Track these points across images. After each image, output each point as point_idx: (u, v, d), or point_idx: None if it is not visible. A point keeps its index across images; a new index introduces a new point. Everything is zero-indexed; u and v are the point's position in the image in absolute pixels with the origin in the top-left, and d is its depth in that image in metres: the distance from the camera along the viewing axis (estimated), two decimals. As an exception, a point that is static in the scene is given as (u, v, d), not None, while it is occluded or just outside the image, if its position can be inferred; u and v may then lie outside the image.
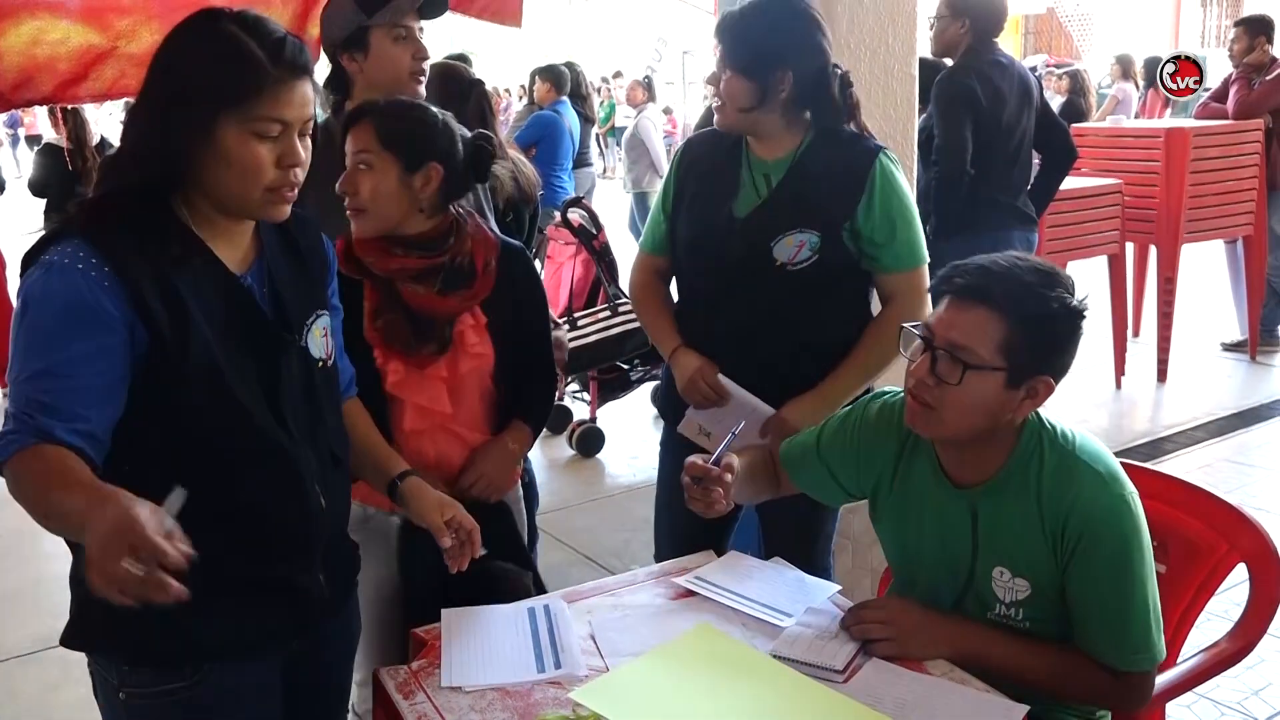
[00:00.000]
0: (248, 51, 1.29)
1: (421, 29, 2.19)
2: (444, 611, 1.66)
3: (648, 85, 8.80)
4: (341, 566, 1.60)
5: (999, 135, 3.74)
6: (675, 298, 2.26)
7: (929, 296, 1.99)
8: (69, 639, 1.41)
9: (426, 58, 2.20)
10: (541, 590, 1.89)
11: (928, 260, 2.06)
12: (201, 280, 1.35)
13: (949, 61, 4.26)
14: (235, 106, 1.28)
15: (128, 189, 1.31)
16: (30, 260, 1.29)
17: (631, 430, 4.67)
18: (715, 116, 2.09)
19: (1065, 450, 1.56)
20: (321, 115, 1.89)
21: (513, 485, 1.99)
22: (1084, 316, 1.51)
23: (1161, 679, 1.68)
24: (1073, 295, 1.50)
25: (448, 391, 1.86)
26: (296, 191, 1.38)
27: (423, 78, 2.19)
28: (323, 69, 2.03)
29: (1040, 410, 1.59)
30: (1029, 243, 3.91)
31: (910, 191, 2.06)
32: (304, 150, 1.36)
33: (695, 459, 1.67)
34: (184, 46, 1.32)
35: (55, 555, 3.79)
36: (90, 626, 1.39)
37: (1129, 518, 1.51)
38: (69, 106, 5.90)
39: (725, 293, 2.08)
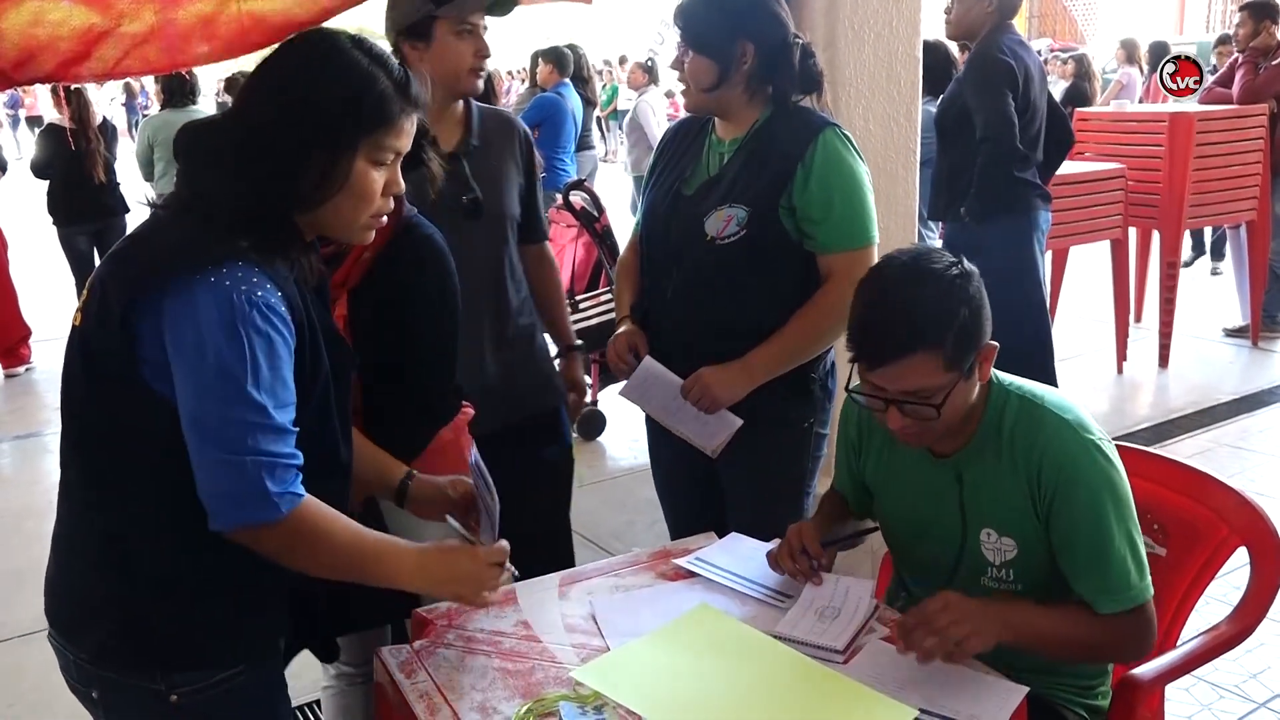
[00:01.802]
0: (383, 85, 1.33)
1: (486, 27, 2.17)
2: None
3: (649, 68, 8.76)
4: None
5: (1027, 116, 3.75)
6: None
7: None
8: (109, 661, 1.36)
9: (488, 55, 2.17)
10: None
11: (874, 242, 2.02)
12: (313, 301, 1.38)
13: (954, 45, 4.25)
14: (369, 136, 1.32)
15: (257, 204, 1.29)
16: (196, 266, 1.23)
17: (633, 413, 4.66)
18: (683, 100, 2.10)
19: (1030, 403, 1.59)
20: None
21: None
22: (973, 274, 1.53)
23: (1160, 661, 1.69)
24: (957, 266, 1.52)
25: None
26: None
27: (481, 74, 2.18)
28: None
29: (1006, 374, 1.63)
30: (1048, 221, 3.95)
31: (862, 171, 2.01)
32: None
33: (803, 541, 1.69)
34: (321, 75, 1.32)
35: (58, 535, 3.82)
36: (144, 642, 1.35)
37: (1099, 462, 1.53)
38: (72, 87, 5.89)
39: (666, 267, 2.11)
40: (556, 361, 2.51)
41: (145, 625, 1.34)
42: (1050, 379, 4.00)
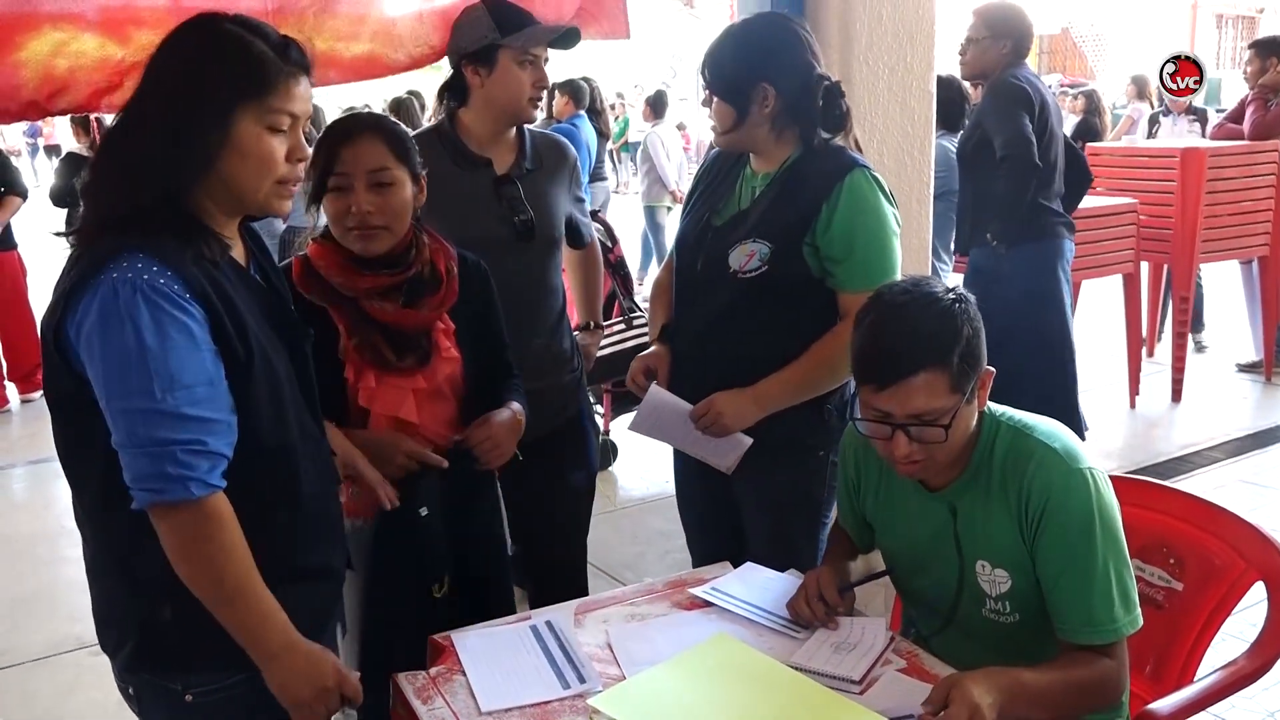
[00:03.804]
0: (257, 48, 1.33)
1: (547, 58, 2.23)
2: (453, 635, 1.68)
3: (653, 103, 8.81)
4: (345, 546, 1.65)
5: (1044, 143, 3.77)
6: None
7: None
8: (135, 664, 1.40)
9: (546, 85, 2.24)
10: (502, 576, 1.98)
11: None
12: (234, 279, 1.38)
13: (968, 85, 4.31)
14: (251, 101, 1.31)
15: (154, 195, 1.31)
16: (89, 275, 1.26)
17: (644, 443, 4.67)
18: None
19: (1019, 432, 1.59)
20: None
21: (509, 457, 1.95)
22: (968, 299, 1.55)
23: (1177, 697, 1.68)
24: (953, 292, 1.55)
25: (425, 399, 1.86)
26: (298, 186, 1.42)
27: (539, 102, 2.25)
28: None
29: (997, 405, 1.63)
30: (1071, 251, 3.97)
31: (887, 213, 2.02)
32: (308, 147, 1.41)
33: (820, 589, 1.70)
34: (192, 48, 1.34)
35: (68, 560, 3.83)
36: (163, 649, 1.38)
37: (1087, 491, 1.52)
38: (96, 116, 5.96)
39: (691, 295, 2.15)
40: (577, 334, 2.59)
41: (158, 633, 1.37)
42: (1072, 410, 4.00)
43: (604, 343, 4.38)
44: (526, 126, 2.33)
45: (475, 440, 1.86)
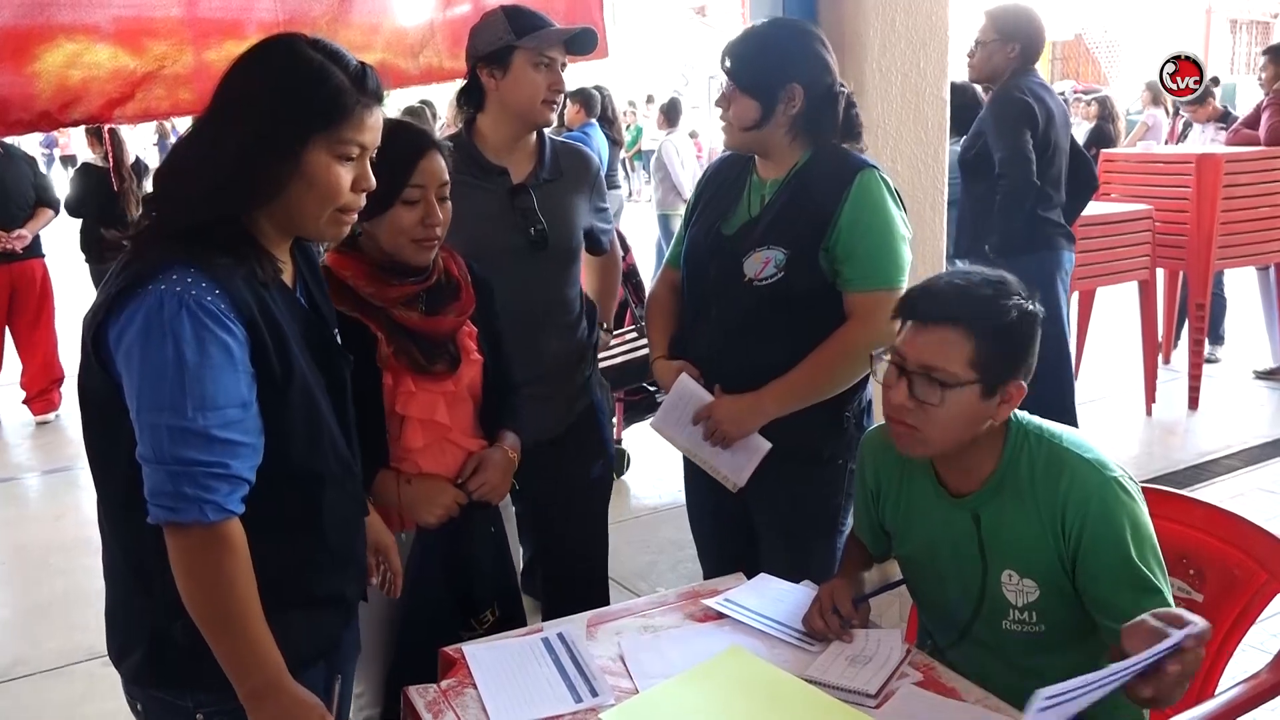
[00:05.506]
0: (336, 78, 1.32)
1: (564, 64, 2.23)
2: (464, 647, 1.68)
3: (668, 110, 8.83)
4: (364, 577, 1.65)
5: (1048, 156, 3.74)
6: None
7: (892, 325, 1.99)
8: (144, 677, 1.40)
9: (562, 89, 2.23)
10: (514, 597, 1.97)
11: (898, 286, 1.99)
12: (280, 303, 1.37)
13: (980, 88, 4.27)
14: (324, 130, 1.31)
15: (217, 214, 1.30)
16: (137, 283, 1.25)
17: (657, 452, 4.65)
18: (724, 137, 2.12)
19: (1052, 444, 1.59)
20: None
21: (505, 494, 1.98)
22: (1040, 318, 1.56)
23: (1198, 711, 1.65)
24: (1027, 300, 1.55)
25: (452, 402, 1.88)
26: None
27: (555, 107, 2.23)
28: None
29: (1023, 413, 1.63)
30: (1071, 262, 3.93)
31: (895, 215, 2.01)
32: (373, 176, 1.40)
33: (834, 601, 1.69)
34: (271, 72, 1.33)
35: (83, 570, 3.84)
36: (171, 663, 1.37)
37: (1123, 499, 1.53)
38: (111, 127, 5.98)
39: (705, 306, 2.13)
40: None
41: (170, 647, 1.36)
42: (1069, 423, 3.95)
43: (615, 351, 4.39)
44: (548, 135, 2.32)
45: (472, 486, 1.88)
